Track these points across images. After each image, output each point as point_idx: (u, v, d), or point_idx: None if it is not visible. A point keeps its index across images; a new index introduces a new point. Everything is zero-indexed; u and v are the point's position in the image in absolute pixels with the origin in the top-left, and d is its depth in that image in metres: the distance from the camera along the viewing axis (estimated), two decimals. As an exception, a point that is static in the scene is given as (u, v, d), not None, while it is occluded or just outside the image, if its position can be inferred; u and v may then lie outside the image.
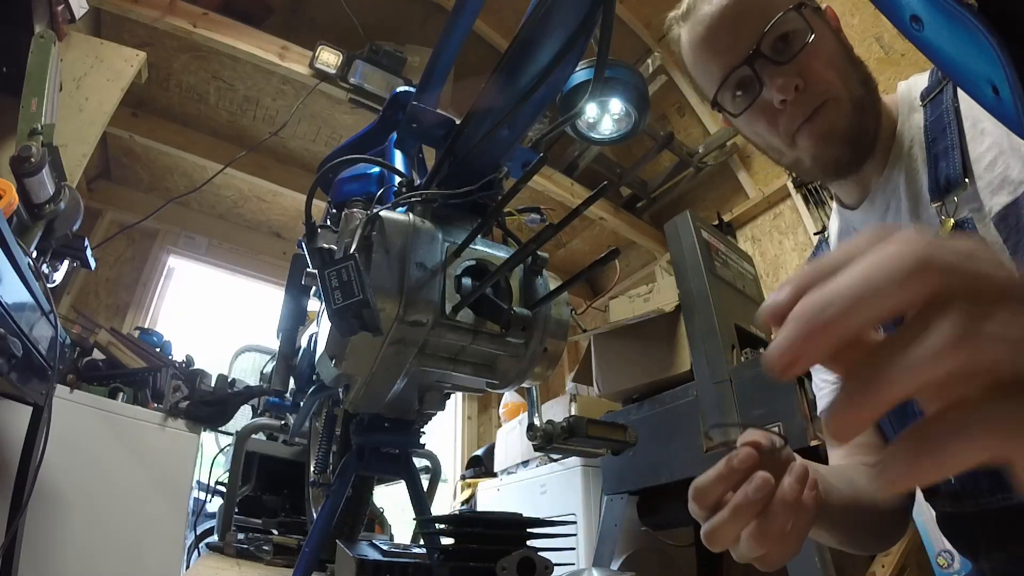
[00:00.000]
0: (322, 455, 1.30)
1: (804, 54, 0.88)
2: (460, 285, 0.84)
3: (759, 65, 0.89)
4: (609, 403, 2.73)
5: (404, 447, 1.14)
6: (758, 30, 0.88)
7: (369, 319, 0.66)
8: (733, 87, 0.94)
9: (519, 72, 0.78)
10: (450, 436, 4.99)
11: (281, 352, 1.46)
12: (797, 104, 0.88)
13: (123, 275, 3.91)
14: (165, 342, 3.09)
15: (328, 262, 0.69)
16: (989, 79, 0.47)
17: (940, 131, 0.87)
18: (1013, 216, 0.76)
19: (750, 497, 0.58)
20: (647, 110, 1.45)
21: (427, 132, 0.96)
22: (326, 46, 3.04)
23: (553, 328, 0.89)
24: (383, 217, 0.80)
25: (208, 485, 2.76)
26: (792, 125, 0.90)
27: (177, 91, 3.47)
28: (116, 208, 3.86)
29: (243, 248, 4.34)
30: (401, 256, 0.79)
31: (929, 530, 1.97)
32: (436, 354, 0.89)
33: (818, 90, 0.88)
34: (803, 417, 1.74)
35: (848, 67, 0.91)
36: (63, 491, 2.00)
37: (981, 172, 0.80)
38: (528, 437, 0.98)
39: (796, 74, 0.87)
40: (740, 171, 4.08)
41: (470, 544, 0.87)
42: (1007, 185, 0.77)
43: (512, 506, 3.10)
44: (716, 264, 2.32)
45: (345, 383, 0.95)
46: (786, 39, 0.89)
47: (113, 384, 2.41)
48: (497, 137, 0.83)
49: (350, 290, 0.66)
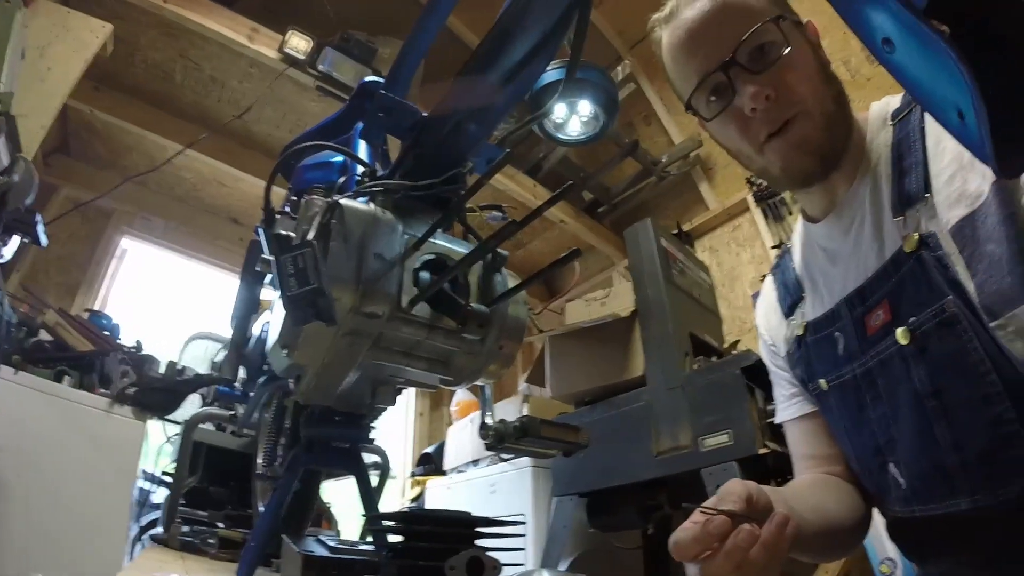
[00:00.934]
0: (270, 447, 1.27)
1: (778, 66, 0.90)
2: (418, 279, 0.83)
3: (733, 73, 0.91)
4: (561, 405, 2.72)
5: (354, 442, 1.12)
6: (736, 38, 0.90)
7: (324, 308, 0.65)
8: (708, 92, 0.96)
9: (491, 67, 0.77)
10: (401, 432, 4.95)
11: (233, 340, 1.43)
12: (768, 114, 0.90)
13: (76, 254, 3.79)
14: (115, 325, 3.02)
15: (285, 248, 0.67)
16: (956, 105, 0.48)
17: (907, 148, 0.89)
18: (969, 228, 0.78)
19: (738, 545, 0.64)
20: (615, 113, 1.46)
21: (394, 123, 0.95)
22: (296, 31, 2.99)
23: (510, 327, 0.89)
24: (343, 205, 0.79)
25: (154, 475, 2.69)
26: (761, 134, 0.92)
27: (143, 67, 3.39)
28: (72, 184, 3.74)
29: (200, 232, 4.24)
30: (360, 246, 0.77)
31: (872, 539, 2.01)
32: (391, 348, 0.87)
33: (789, 102, 0.90)
34: (753, 425, 1.76)
35: (822, 82, 0.93)
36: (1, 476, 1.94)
37: (940, 187, 0.82)
38: (480, 436, 0.97)
39: (769, 85, 0.89)
40: (702, 182, 4.15)
41: (419, 543, 0.86)
42: (964, 199, 0.79)
43: (461, 505, 3.07)
44: (674, 272, 2.34)
45: (296, 374, 0.93)
46: (762, 49, 0.91)
47: (59, 367, 2.34)
48: (465, 131, 0.82)
49: (306, 278, 0.65)
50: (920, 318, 0.82)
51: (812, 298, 1.07)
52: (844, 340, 0.96)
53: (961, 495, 0.82)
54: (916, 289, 0.83)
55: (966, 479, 0.81)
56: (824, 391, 1.01)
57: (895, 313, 0.86)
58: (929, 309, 0.81)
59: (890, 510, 0.97)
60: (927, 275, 0.81)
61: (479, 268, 0.90)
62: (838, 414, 1.00)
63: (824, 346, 1.00)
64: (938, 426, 0.81)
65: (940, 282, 0.80)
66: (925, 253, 0.82)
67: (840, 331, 0.97)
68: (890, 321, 0.87)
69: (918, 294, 0.82)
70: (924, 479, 0.86)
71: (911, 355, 0.83)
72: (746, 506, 0.67)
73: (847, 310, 0.95)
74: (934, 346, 0.81)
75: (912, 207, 0.85)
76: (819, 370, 1.02)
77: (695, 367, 2.08)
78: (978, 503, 0.81)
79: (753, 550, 0.64)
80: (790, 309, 1.12)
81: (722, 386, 1.89)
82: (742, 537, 0.64)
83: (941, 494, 0.84)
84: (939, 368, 0.81)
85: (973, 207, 0.78)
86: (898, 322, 0.85)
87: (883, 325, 0.88)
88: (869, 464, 0.97)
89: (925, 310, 0.81)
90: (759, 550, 0.64)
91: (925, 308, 0.81)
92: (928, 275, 0.81)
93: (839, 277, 0.99)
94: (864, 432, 0.95)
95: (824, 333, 1.00)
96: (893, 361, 0.87)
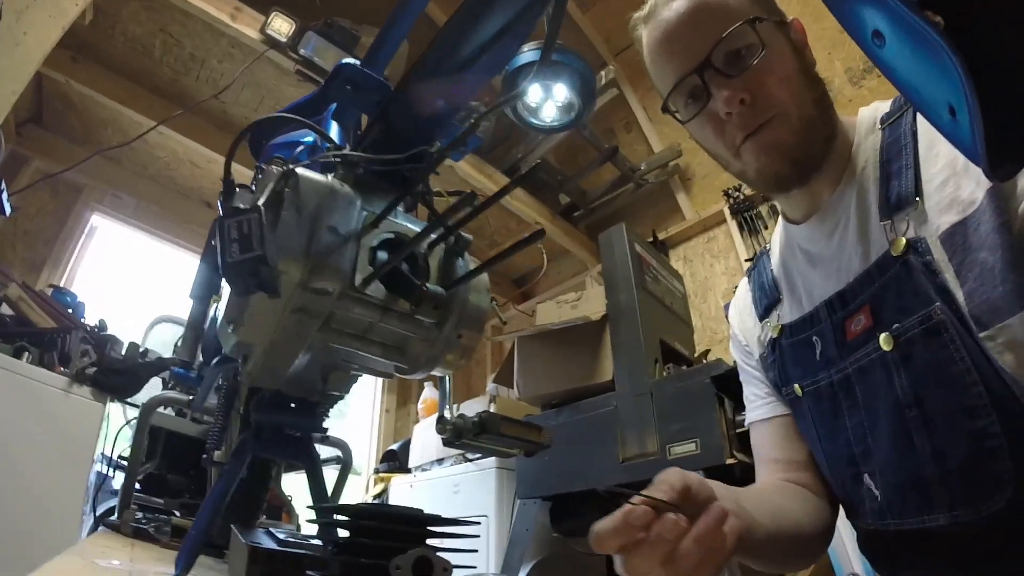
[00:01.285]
0: (217, 431, 1.22)
1: (754, 69, 0.88)
2: (375, 258, 0.79)
3: (708, 75, 0.90)
4: (529, 407, 2.70)
5: (306, 430, 1.08)
6: (711, 40, 0.89)
7: (266, 277, 0.61)
8: (685, 94, 0.96)
9: (462, 41, 0.74)
10: (367, 428, 4.91)
11: (190, 320, 1.37)
12: (743, 117, 0.89)
13: (43, 229, 3.70)
14: (79, 303, 2.95)
15: (229, 213, 0.63)
16: (948, 101, 0.46)
17: (896, 152, 0.88)
18: (960, 235, 0.77)
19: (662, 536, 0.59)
20: (592, 101, 1.43)
21: (362, 97, 0.91)
22: (280, 13, 2.94)
23: (470, 315, 0.85)
24: (299, 174, 0.74)
25: (112, 459, 2.63)
26: (737, 137, 0.91)
27: (122, 40, 3.31)
28: (44, 158, 3.66)
29: (171, 214, 4.17)
30: (313, 217, 0.73)
31: (839, 553, 2.01)
32: (342, 329, 0.83)
33: (765, 105, 0.88)
34: (721, 435, 1.75)
35: (802, 85, 0.91)
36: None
37: (932, 192, 0.81)
38: (437, 430, 0.93)
39: (744, 88, 0.88)
40: (679, 192, 4.18)
41: (364, 538, 0.81)
42: (956, 205, 0.78)
43: (424, 504, 3.02)
44: (647, 278, 2.34)
45: (244, 353, 0.88)
46: (739, 52, 0.89)
47: (19, 343, 2.28)
48: (432, 107, 0.79)
49: (248, 244, 0.61)
50: (904, 324, 0.80)
51: (790, 300, 1.05)
52: (822, 344, 0.94)
53: (939, 510, 0.79)
54: (901, 294, 0.81)
55: (945, 493, 0.79)
56: (798, 397, 1.00)
57: (877, 318, 0.85)
58: (915, 316, 0.79)
59: (863, 523, 0.95)
60: (914, 280, 0.80)
61: (441, 252, 0.86)
62: (812, 421, 0.98)
63: (800, 350, 0.99)
64: (918, 436, 0.80)
65: (927, 288, 0.78)
66: (913, 258, 0.80)
67: (818, 335, 0.95)
68: (872, 327, 0.85)
69: (903, 300, 0.81)
70: (901, 492, 0.84)
71: (893, 362, 0.82)
72: (678, 496, 0.63)
73: (827, 313, 0.94)
74: (918, 354, 0.79)
75: (901, 211, 0.84)
76: (794, 375, 1.00)
77: (664, 374, 2.07)
78: (957, 519, 0.78)
79: (684, 543, 0.59)
80: (766, 311, 1.10)
81: (691, 394, 1.88)
82: (667, 528, 0.59)
83: (918, 508, 0.82)
84: (922, 377, 0.79)
85: (965, 214, 0.76)
86: (880, 328, 0.84)
87: (864, 330, 0.86)
88: (842, 474, 0.95)
89: (910, 316, 0.80)
90: (691, 544, 0.59)
91: (910, 314, 0.80)
92: (915, 281, 0.80)
93: (819, 280, 0.97)
94: (839, 441, 0.93)
95: (801, 337, 0.99)
96: (874, 368, 0.85)
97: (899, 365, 0.81)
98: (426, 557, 0.77)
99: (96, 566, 0.99)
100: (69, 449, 2.23)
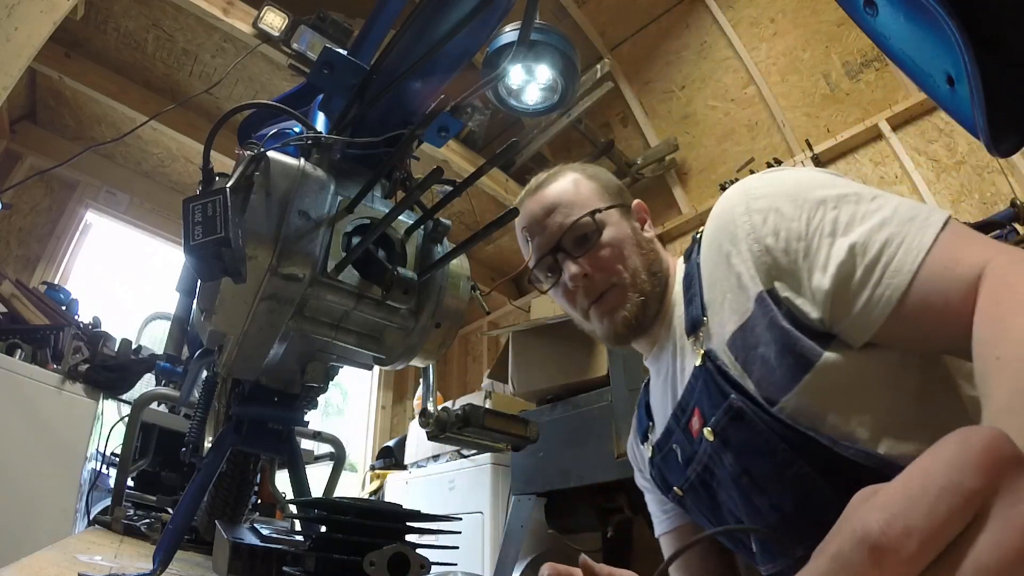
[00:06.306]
0: (196, 425, 1.19)
1: (595, 248, 1.11)
2: (349, 244, 0.76)
3: (560, 256, 1.13)
4: (524, 403, 2.70)
5: (287, 424, 1.06)
6: (561, 229, 1.13)
7: (230, 261, 0.58)
8: (544, 268, 1.17)
9: (437, 18, 0.71)
10: (363, 425, 4.92)
11: (176, 314, 1.35)
12: (587, 288, 1.11)
13: (37, 226, 3.70)
14: (72, 300, 2.95)
15: (195, 196, 0.61)
16: (945, 70, 0.45)
17: (688, 283, 1.07)
18: (740, 338, 0.92)
19: None
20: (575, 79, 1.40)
21: (338, 79, 0.88)
22: (272, 7, 2.91)
23: (448, 303, 0.83)
24: (269, 157, 0.72)
25: (107, 456, 2.61)
26: (584, 304, 1.13)
27: (115, 35, 3.29)
28: (38, 154, 3.64)
29: (165, 211, 4.14)
30: (283, 202, 0.71)
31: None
32: (316, 318, 0.81)
33: (603, 278, 1.10)
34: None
35: (636, 258, 1.13)
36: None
37: (715, 311, 0.98)
38: (420, 423, 0.91)
39: (588, 264, 1.10)
40: (676, 187, 4.14)
41: (338, 533, 0.79)
42: (734, 315, 0.94)
43: (419, 500, 3.03)
44: (643, 272, 2.30)
45: (218, 343, 0.86)
46: (585, 236, 1.12)
47: (12, 340, 2.28)
48: (408, 88, 0.76)
49: (212, 226, 0.58)
50: (717, 417, 0.94)
51: (658, 424, 1.18)
52: (680, 450, 1.07)
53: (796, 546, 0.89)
54: (711, 395, 0.95)
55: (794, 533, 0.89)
56: (680, 496, 1.12)
57: (704, 416, 0.98)
58: (720, 408, 0.93)
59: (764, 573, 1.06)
60: (714, 381, 0.94)
61: (419, 238, 0.84)
62: (698, 510, 1.11)
63: (669, 459, 1.12)
64: (755, 497, 0.92)
65: (724, 385, 0.93)
66: (710, 364, 0.96)
67: (676, 443, 1.08)
68: (703, 424, 0.98)
69: (712, 398, 0.95)
70: (762, 542, 0.97)
71: (718, 448, 0.95)
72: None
73: (675, 423, 1.07)
74: (732, 435, 0.92)
75: (697, 330, 1.01)
76: (672, 480, 1.12)
77: (659, 368, 2.04)
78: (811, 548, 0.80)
79: None
80: (643, 436, 1.23)
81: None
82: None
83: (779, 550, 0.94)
84: (741, 452, 0.92)
85: (743, 320, 0.92)
86: (706, 424, 0.97)
87: (700, 429, 0.99)
88: (733, 541, 1.08)
89: (718, 410, 0.93)
90: None
91: (718, 408, 0.93)
92: (716, 381, 0.94)
93: (669, 398, 1.12)
94: (723, 517, 1.05)
95: (666, 449, 1.12)
96: (712, 455, 0.98)
97: (722, 449, 0.94)
98: (402, 553, 0.74)
99: (76, 561, 0.97)
100: (62, 446, 2.22)
